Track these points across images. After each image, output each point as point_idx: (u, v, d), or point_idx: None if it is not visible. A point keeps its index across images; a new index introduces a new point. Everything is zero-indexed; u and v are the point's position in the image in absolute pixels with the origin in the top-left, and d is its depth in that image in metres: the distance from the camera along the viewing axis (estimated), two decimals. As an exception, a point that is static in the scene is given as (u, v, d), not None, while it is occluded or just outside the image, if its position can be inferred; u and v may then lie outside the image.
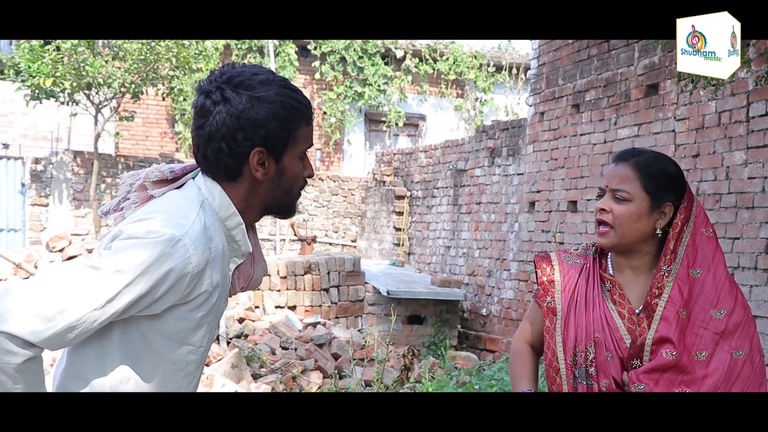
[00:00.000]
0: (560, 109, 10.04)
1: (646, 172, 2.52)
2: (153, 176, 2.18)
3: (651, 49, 8.34)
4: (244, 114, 2.04)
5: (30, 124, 16.85)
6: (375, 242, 16.26)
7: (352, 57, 19.67)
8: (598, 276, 2.62)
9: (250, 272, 2.26)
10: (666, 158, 2.62)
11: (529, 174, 10.81)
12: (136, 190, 2.19)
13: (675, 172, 2.57)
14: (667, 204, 2.52)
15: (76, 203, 15.78)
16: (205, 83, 2.11)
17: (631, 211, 2.51)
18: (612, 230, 2.53)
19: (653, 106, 8.31)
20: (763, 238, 6.78)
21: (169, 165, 2.25)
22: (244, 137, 2.04)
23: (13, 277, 9.54)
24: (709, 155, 7.44)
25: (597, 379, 2.51)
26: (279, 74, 2.09)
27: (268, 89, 2.06)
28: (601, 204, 2.56)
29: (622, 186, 2.53)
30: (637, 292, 2.57)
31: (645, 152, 2.61)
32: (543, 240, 10.37)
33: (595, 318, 2.54)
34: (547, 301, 2.67)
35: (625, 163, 2.56)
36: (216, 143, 2.06)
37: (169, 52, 14.20)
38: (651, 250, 2.57)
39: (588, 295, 2.59)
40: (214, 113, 2.05)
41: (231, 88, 2.06)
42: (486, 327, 11.92)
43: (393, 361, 9.76)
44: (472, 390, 7.90)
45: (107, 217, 2.26)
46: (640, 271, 2.59)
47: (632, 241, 2.54)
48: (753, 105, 6.98)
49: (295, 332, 10.15)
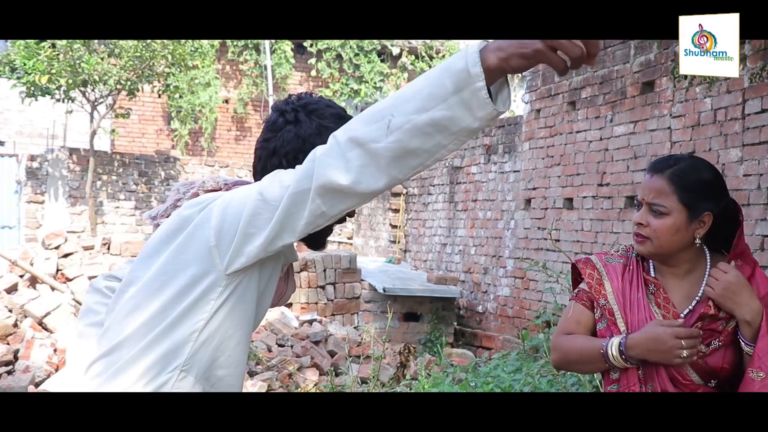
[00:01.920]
0: (556, 106, 10.05)
1: (682, 184, 2.50)
2: (208, 185, 2.30)
3: (647, 47, 8.35)
4: (310, 138, 2.15)
5: (25, 121, 16.85)
6: (371, 240, 16.27)
7: (349, 54, 19.67)
8: (642, 278, 2.60)
9: (283, 289, 2.34)
10: (702, 164, 2.58)
11: (525, 171, 10.82)
12: (189, 198, 2.28)
13: (711, 178, 2.54)
14: (705, 214, 2.51)
15: (72, 200, 15.78)
16: (281, 103, 2.25)
17: (668, 225, 2.49)
18: (649, 241, 2.52)
19: (649, 104, 8.32)
20: (758, 235, 6.79)
21: (223, 176, 2.36)
22: (304, 159, 2.07)
23: (8, 274, 9.54)
24: (704, 152, 7.45)
25: (644, 382, 2.49)
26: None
27: (337, 123, 2.11)
28: (639, 218, 2.54)
29: (658, 200, 2.50)
30: (680, 295, 2.55)
31: (681, 160, 2.56)
32: (539, 237, 10.38)
33: (641, 320, 2.52)
34: (601, 304, 2.61)
35: (661, 175, 2.53)
36: (277, 159, 2.17)
37: (165, 49, 14.22)
38: (690, 258, 2.56)
39: (633, 297, 2.57)
40: (283, 131, 2.18)
41: (305, 113, 2.20)
42: (482, 324, 11.93)
43: (389, 358, 9.77)
44: (468, 387, 7.91)
45: (154, 221, 2.36)
46: (681, 275, 2.57)
47: (671, 252, 2.53)
48: (748, 102, 6.99)
49: (291, 329, 10.14)
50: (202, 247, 2.00)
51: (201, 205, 2.08)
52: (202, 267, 2.00)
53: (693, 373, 2.46)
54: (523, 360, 7.98)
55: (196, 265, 2.00)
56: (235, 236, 1.96)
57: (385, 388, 8.92)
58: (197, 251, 2.01)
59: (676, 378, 2.46)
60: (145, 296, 2.04)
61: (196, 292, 2.00)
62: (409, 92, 1.81)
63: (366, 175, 1.83)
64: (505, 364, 8.10)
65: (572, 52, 1.70)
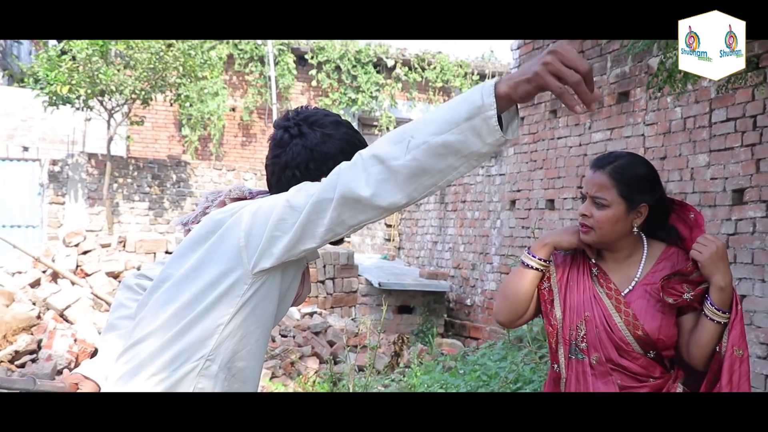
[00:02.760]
0: (539, 114, 10.08)
1: (621, 179, 2.59)
2: (234, 194, 2.33)
3: (622, 59, 8.39)
4: (317, 147, 2.20)
5: (48, 128, 16.82)
6: (368, 238, 16.29)
7: (347, 66, 19.68)
8: (587, 264, 2.69)
9: (300, 291, 2.35)
10: (639, 160, 2.66)
11: (510, 174, 10.84)
12: (216, 206, 2.32)
13: (646, 173, 2.63)
14: (642, 205, 2.60)
15: (90, 202, 15.77)
16: (282, 120, 2.28)
17: (609, 215, 2.58)
18: (593, 230, 2.61)
19: (624, 112, 8.35)
20: (724, 234, 6.83)
21: (248, 186, 2.42)
22: (315, 167, 2.18)
23: (32, 270, 9.55)
24: (675, 157, 7.49)
25: (588, 353, 2.58)
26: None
27: (338, 129, 2.23)
28: (583, 210, 2.64)
29: (600, 194, 2.60)
30: (621, 276, 2.65)
31: (620, 157, 2.65)
32: (523, 236, 10.41)
33: (585, 299, 2.63)
34: (544, 287, 2.74)
35: (602, 171, 2.62)
36: (290, 171, 2.20)
37: (176, 61, 14.22)
38: (629, 245, 2.66)
39: (579, 279, 2.67)
40: (291, 145, 2.21)
41: (307, 125, 2.23)
42: (470, 316, 11.95)
43: (384, 347, 9.80)
44: (457, 374, 7.93)
45: (186, 227, 2.39)
46: (621, 260, 2.67)
47: (612, 240, 2.62)
48: (715, 111, 7.03)
49: (293, 321, 10.17)
50: (233, 247, 2.03)
51: (232, 210, 2.11)
52: (231, 265, 2.03)
53: (634, 343, 2.55)
54: (508, 349, 8.02)
55: (225, 263, 2.03)
56: (262, 238, 2.00)
57: (380, 375, 8.94)
58: (228, 251, 2.04)
59: (621, 346, 2.56)
60: (177, 291, 2.07)
61: (223, 287, 2.03)
62: (430, 117, 1.86)
63: (384, 189, 1.87)
64: (491, 353, 8.13)
65: (569, 78, 1.76)
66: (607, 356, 2.56)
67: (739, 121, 6.76)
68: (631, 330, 2.54)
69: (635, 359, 2.54)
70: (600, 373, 2.56)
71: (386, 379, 8.70)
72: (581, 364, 2.59)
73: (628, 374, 2.55)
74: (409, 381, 8.16)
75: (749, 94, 6.62)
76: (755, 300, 6.51)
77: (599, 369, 2.56)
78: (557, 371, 2.67)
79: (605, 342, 2.56)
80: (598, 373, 2.56)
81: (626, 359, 2.54)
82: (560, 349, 2.65)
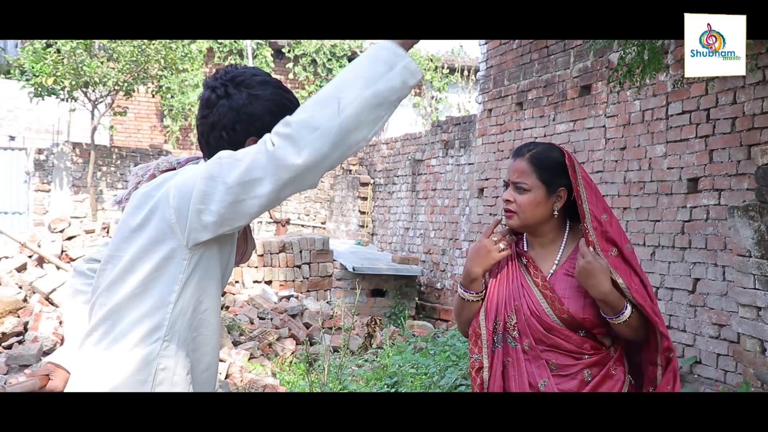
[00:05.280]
0: (506, 106, 10.10)
1: (540, 165, 2.61)
2: (162, 166, 2.28)
3: (584, 54, 8.42)
4: (243, 108, 2.12)
5: (33, 118, 16.69)
6: (342, 224, 16.28)
7: (322, 59, 19.64)
8: (515, 254, 2.71)
9: (244, 248, 2.34)
10: (555, 148, 2.68)
11: (478, 164, 10.87)
12: (146, 180, 2.25)
13: (563, 159, 2.64)
14: (561, 188, 2.61)
15: (75, 189, 15.68)
16: (211, 80, 2.19)
17: (530, 199, 2.60)
18: (516, 215, 2.63)
19: (586, 105, 8.39)
20: (679, 220, 6.89)
21: (175, 157, 2.34)
22: (242, 128, 2.12)
23: (19, 255, 9.47)
24: (634, 148, 7.54)
25: (520, 340, 2.59)
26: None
27: (265, 89, 2.15)
28: (506, 196, 2.65)
29: (521, 179, 2.62)
30: (546, 260, 2.67)
31: (538, 145, 2.69)
32: (490, 222, 10.43)
33: (515, 288, 2.64)
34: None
35: (522, 158, 2.65)
36: (217, 132, 2.13)
37: (158, 54, 14.15)
38: (553, 229, 2.68)
39: (509, 270, 2.69)
40: (217, 106, 2.13)
41: (234, 85, 2.15)
42: (440, 299, 11.99)
43: (358, 329, 9.82)
44: (428, 355, 7.96)
45: (120, 205, 2.30)
46: (546, 244, 2.69)
47: (535, 223, 2.64)
48: (671, 104, 7.08)
49: (271, 304, 10.15)
50: (165, 224, 1.99)
51: (157, 183, 2.07)
52: (169, 244, 1.99)
53: (561, 325, 2.56)
54: (475, 330, 8.03)
55: (163, 242, 2.00)
56: (189, 212, 1.96)
57: (354, 356, 8.96)
58: (162, 229, 2.00)
59: (552, 326, 2.57)
60: (123, 273, 2.03)
61: (165, 267, 2.00)
62: (347, 77, 1.90)
63: (319, 154, 1.85)
64: (460, 335, 8.16)
65: None
66: (537, 339, 2.57)
67: (693, 114, 6.82)
68: (557, 314, 2.55)
69: (567, 338, 2.55)
70: (532, 357, 2.57)
71: (360, 360, 8.72)
72: (515, 351, 2.59)
73: (563, 353, 2.55)
74: (381, 361, 8.19)
75: (703, 89, 6.67)
76: (708, 283, 6.58)
77: (531, 353, 2.57)
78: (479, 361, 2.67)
79: (535, 326, 2.57)
80: (531, 357, 2.57)
81: (558, 338, 2.55)
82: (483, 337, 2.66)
